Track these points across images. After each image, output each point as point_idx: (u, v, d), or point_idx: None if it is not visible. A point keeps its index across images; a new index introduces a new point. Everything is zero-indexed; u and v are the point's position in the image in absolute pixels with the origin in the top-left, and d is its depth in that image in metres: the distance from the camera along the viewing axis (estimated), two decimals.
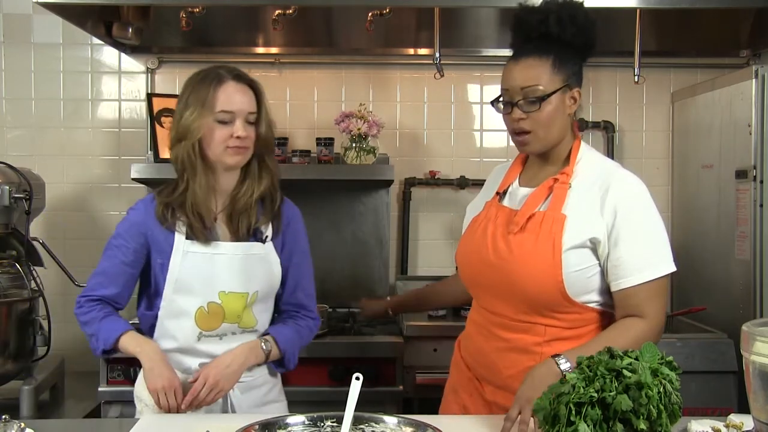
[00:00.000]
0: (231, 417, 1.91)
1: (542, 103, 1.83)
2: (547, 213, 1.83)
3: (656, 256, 1.81)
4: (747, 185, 2.93)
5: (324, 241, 3.48)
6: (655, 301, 1.80)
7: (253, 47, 3.56)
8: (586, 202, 1.83)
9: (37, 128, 3.55)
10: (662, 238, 1.84)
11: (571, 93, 1.87)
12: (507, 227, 1.87)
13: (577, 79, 1.89)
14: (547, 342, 1.83)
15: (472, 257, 1.95)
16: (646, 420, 1.35)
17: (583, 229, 1.80)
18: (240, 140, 1.90)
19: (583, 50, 1.91)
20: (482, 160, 3.62)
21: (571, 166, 1.88)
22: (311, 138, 3.47)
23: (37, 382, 2.75)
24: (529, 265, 1.80)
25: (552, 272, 1.78)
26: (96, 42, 3.50)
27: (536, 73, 1.84)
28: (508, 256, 1.84)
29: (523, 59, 1.87)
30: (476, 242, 1.94)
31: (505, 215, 1.91)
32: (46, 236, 3.11)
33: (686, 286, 3.51)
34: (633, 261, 1.78)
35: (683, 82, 3.60)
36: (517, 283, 1.82)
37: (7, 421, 1.57)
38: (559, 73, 1.85)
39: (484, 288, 1.93)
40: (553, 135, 1.87)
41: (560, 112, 1.86)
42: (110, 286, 1.98)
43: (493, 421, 1.77)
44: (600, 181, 1.85)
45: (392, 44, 3.54)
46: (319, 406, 1.72)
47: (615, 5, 2.74)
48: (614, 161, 2.01)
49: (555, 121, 1.86)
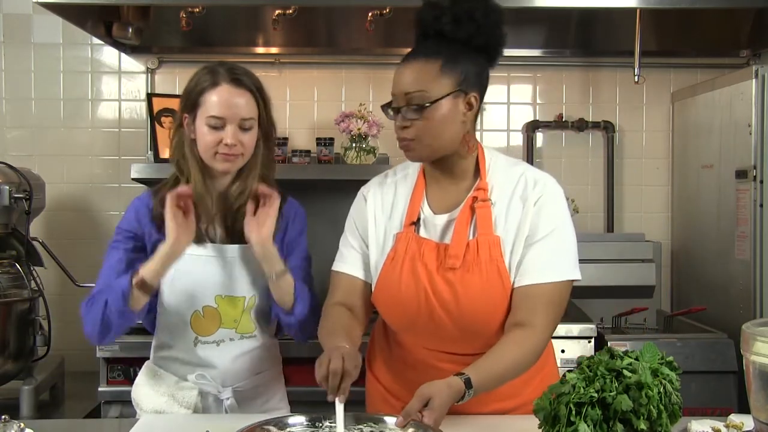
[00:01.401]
0: (231, 417, 1.91)
1: (426, 110, 1.68)
2: (480, 239, 1.71)
3: (562, 259, 1.72)
4: (747, 185, 2.93)
5: (324, 242, 3.44)
6: (543, 309, 1.69)
7: (253, 47, 3.56)
8: (513, 215, 1.73)
9: (37, 128, 3.55)
10: (572, 243, 1.75)
11: (467, 98, 1.71)
12: (439, 263, 1.73)
13: (476, 82, 1.72)
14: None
15: (405, 301, 1.76)
16: (646, 420, 1.35)
17: (519, 245, 1.71)
18: (228, 147, 1.82)
19: (485, 51, 1.74)
20: None
21: (483, 179, 1.76)
22: (311, 138, 3.47)
23: (37, 382, 2.75)
24: (481, 302, 1.69)
25: (506, 301, 1.70)
26: (96, 42, 3.50)
27: (421, 77, 1.69)
28: (453, 297, 1.70)
29: (410, 62, 1.71)
30: (405, 285, 1.75)
31: (431, 249, 1.75)
32: (46, 236, 3.11)
33: (686, 286, 3.51)
34: (539, 261, 1.70)
35: (683, 82, 3.60)
36: (472, 324, 1.71)
37: (7, 421, 1.57)
38: (450, 76, 1.68)
39: (426, 332, 1.77)
40: (442, 143, 1.72)
41: (450, 119, 1.70)
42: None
43: (495, 421, 1.77)
44: (518, 188, 1.75)
45: (392, 44, 3.54)
46: (319, 406, 1.72)
47: (615, 5, 2.74)
48: (521, 162, 1.87)
49: (443, 129, 1.70)
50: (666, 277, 3.61)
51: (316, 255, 2.20)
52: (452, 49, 1.70)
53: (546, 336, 1.72)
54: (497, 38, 1.74)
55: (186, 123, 1.88)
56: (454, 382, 1.54)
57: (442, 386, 1.53)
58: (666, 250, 3.60)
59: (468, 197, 1.76)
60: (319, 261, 2.52)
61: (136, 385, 2.03)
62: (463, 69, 1.70)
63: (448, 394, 1.52)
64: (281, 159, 3.29)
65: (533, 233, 1.71)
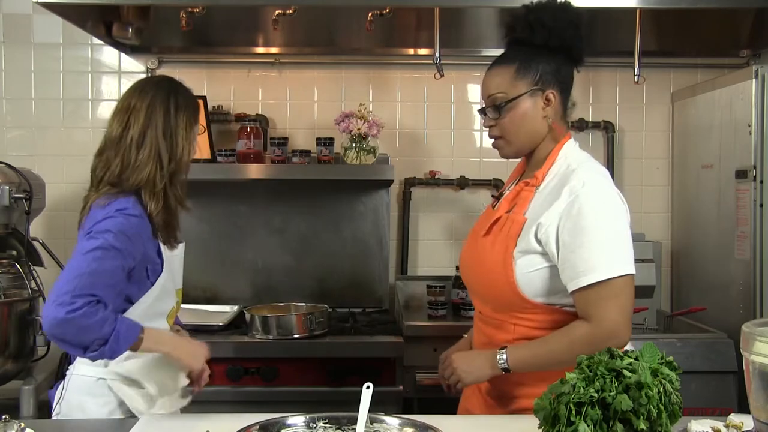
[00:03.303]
0: (231, 417, 1.91)
1: (502, 110, 1.89)
2: (510, 216, 1.89)
3: (603, 259, 1.76)
4: (747, 185, 2.93)
5: (324, 241, 3.48)
6: (602, 304, 1.75)
7: (253, 47, 3.56)
8: (546, 204, 1.83)
9: (37, 128, 3.55)
10: (614, 239, 1.79)
11: (545, 95, 1.89)
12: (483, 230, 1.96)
13: (553, 79, 1.89)
14: (516, 340, 1.86)
15: (463, 257, 2.07)
16: (646, 420, 1.35)
17: (538, 231, 1.81)
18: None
19: (561, 51, 1.90)
20: (482, 160, 3.62)
21: (542, 169, 1.90)
22: (311, 138, 3.47)
23: (37, 382, 2.75)
24: (485, 268, 1.89)
25: (504, 273, 1.83)
26: (96, 42, 3.50)
27: (498, 81, 1.90)
28: (475, 257, 1.95)
29: (492, 68, 1.94)
30: (467, 244, 2.06)
31: (488, 218, 1.97)
32: (46, 236, 3.10)
33: (686, 286, 3.51)
34: (579, 264, 1.76)
35: (683, 82, 3.60)
36: (481, 284, 1.94)
37: (7, 421, 1.57)
38: (525, 77, 1.88)
39: (468, 286, 2.06)
40: (524, 139, 1.92)
41: (528, 117, 1.89)
42: (106, 287, 1.81)
43: (495, 421, 1.77)
44: (559, 182, 1.85)
45: (392, 44, 3.54)
46: (319, 406, 1.72)
47: (615, 5, 2.74)
48: (588, 161, 1.92)
49: (522, 126, 1.90)
50: (666, 277, 3.61)
51: (317, 255, 2.20)
52: (528, 52, 1.90)
53: (606, 329, 1.75)
54: (572, 38, 1.90)
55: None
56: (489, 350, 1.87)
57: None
58: (666, 250, 3.60)
59: (522, 181, 1.94)
60: (319, 261, 2.57)
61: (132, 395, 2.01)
62: (538, 69, 1.88)
63: (472, 352, 1.96)
64: (281, 159, 3.30)
65: (568, 235, 1.77)
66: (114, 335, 1.77)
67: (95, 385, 1.97)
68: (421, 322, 3.06)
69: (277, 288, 3.44)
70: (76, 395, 1.97)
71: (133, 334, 1.82)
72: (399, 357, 2.89)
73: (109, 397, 1.97)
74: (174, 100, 1.99)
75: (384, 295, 3.51)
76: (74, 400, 1.97)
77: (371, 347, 2.89)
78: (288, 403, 2.15)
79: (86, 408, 1.96)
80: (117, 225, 1.85)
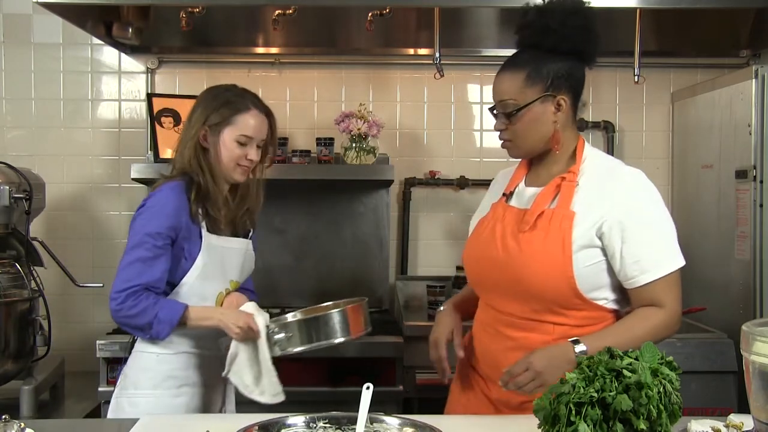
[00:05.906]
0: (231, 417, 1.91)
1: (514, 116, 1.88)
2: (556, 210, 1.84)
3: (668, 250, 1.84)
4: (747, 185, 2.93)
5: (324, 241, 3.48)
6: (671, 292, 1.84)
7: (253, 47, 3.56)
8: (594, 198, 1.84)
9: (37, 128, 3.55)
10: (672, 232, 1.86)
11: (555, 100, 1.88)
12: (517, 226, 1.88)
13: (564, 84, 1.89)
14: (555, 341, 1.83)
15: (480, 257, 1.96)
16: (646, 420, 1.35)
17: (592, 225, 1.82)
18: (250, 162, 2.15)
19: (573, 54, 1.90)
20: (482, 160, 3.62)
21: (577, 164, 1.91)
22: (311, 138, 3.47)
23: (37, 382, 2.75)
24: (539, 262, 1.81)
25: (563, 269, 1.80)
26: (96, 42, 3.50)
27: (508, 87, 1.89)
28: (518, 253, 1.85)
29: (503, 72, 1.92)
30: (484, 242, 1.96)
31: (513, 215, 1.93)
32: (46, 236, 3.10)
33: (686, 286, 3.47)
34: (646, 258, 1.80)
35: (683, 82, 3.60)
36: (528, 281, 1.83)
37: (7, 421, 1.57)
38: (535, 84, 1.86)
39: (492, 287, 1.94)
40: (532, 143, 1.92)
41: (539, 122, 1.89)
42: (150, 271, 2.02)
43: (495, 421, 1.77)
44: (606, 178, 1.87)
45: (392, 44, 3.54)
46: (319, 406, 1.72)
47: (615, 5, 2.74)
48: (617, 160, 2.01)
49: (532, 131, 1.90)
50: None
51: (317, 254, 2.21)
52: (538, 57, 1.88)
53: (676, 315, 1.85)
54: (583, 41, 1.90)
55: (203, 135, 2.12)
56: (560, 342, 1.79)
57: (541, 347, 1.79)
58: None
59: (558, 176, 1.91)
60: (319, 261, 2.57)
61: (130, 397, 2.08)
62: (549, 75, 1.87)
63: (547, 349, 1.77)
64: (281, 159, 3.29)
65: (629, 230, 1.80)
66: (156, 319, 1.99)
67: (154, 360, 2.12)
68: (421, 322, 3.06)
69: (277, 288, 3.44)
70: (134, 371, 2.13)
71: (175, 314, 2.00)
72: (399, 357, 2.89)
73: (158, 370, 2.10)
74: (213, 98, 2.17)
75: (384, 295, 3.51)
76: (132, 375, 2.13)
77: (371, 347, 2.89)
78: (288, 403, 2.15)
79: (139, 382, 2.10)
80: (155, 202, 2.06)
